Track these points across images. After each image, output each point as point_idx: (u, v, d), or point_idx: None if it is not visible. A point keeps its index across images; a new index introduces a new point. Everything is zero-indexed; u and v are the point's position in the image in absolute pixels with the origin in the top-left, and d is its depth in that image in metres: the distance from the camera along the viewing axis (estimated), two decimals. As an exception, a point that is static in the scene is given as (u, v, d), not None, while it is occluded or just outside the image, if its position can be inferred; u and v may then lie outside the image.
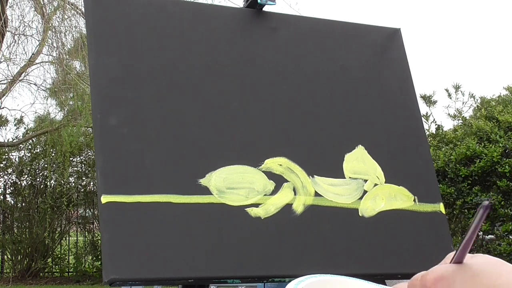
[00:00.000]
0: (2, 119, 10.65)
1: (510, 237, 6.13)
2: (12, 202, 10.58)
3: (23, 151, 10.80)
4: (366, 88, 1.33)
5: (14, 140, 10.65)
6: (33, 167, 10.49)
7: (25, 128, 10.91)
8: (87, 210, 10.75)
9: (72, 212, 10.60)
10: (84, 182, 10.65)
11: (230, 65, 1.22)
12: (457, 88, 9.04)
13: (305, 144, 1.20)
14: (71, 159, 10.11)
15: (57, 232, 10.52)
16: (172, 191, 1.06)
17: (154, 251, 1.01)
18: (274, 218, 1.10)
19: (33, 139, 10.69)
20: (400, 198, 1.19)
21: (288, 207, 1.12)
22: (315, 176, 1.16)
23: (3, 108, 10.36)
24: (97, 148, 1.07)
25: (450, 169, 6.37)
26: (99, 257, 9.89)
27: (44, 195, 10.15)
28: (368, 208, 1.17)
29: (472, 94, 8.91)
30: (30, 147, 10.79)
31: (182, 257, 1.02)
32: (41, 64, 10.11)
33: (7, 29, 9.45)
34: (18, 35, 9.72)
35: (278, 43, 1.28)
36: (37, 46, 9.90)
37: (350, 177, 1.19)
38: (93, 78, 1.13)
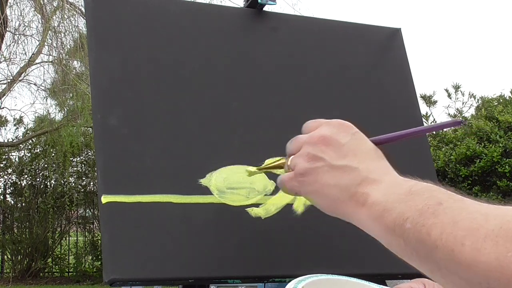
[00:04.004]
0: (2, 119, 10.65)
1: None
2: (12, 202, 10.59)
3: (23, 151, 10.81)
4: (367, 88, 1.33)
5: (14, 140, 10.65)
6: (33, 167, 10.49)
7: (25, 128, 10.92)
8: (87, 210, 10.76)
9: (72, 212, 10.61)
10: (84, 182, 10.66)
11: (230, 64, 1.22)
12: (457, 88, 9.04)
13: (306, 144, 1.20)
14: (71, 159, 10.11)
15: (57, 232, 10.53)
16: (172, 191, 1.06)
17: (154, 251, 1.01)
18: (275, 218, 1.10)
19: (33, 139, 10.69)
20: (400, 198, 1.19)
21: (288, 207, 1.12)
22: (315, 176, 1.16)
23: (3, 108, 10.36)
24: (97, 148, 1.07)
25: (450, 169, 6.38)
26: (99, 257, 9.90)
27: (44, 195, 10.15)
28: (369, 208, 1.17)
29: (472, 94, 8.91)
30: (30, 147, 10.80)
31: (182, 257, 1.02)
32: (41, 64, 10.12)
33: (7, 29, 9.44)
34: (18, 35, 9.72)
35: (278, 43, 1.28)
36: (37, 46, 9.90)
37: (350, 177, 1.19)
38: (93, 78, 1.13)
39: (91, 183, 10.47)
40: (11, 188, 10.53)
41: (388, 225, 0.67)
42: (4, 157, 10.52)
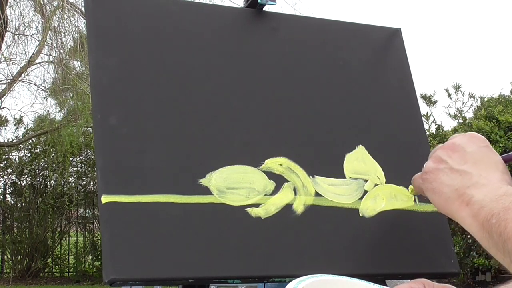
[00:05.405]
0: (2, 119, 10.66)
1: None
2: (12, 202, 10.59)
3: (23, 151, 10.81)
4: (367, 88, 1.33)
5: (14, 140, 10.65)
6: (33, 167, 10.49)
7: (25, 128, 10.92)
8: (87, 210, 10.76)
9: (72, 212, 10.61)
10: (84, 182, 10.66)
11: (230, 64, 1.22)
12: (457, 88, 9.03)
13: (306, 144, 1.20)
14: (71, 159, 10.12)
15: (57, 232, 10.53)
16: (172, 191, 1.06)
17: (154, 251, 1.01)
18: (275, 218, 1.10)
19: (33, 139, 10.69)
20: (400, 198, 1.19)
21: (288, 207, 1.12)
22: (315, 176, 1.16)
23: (3, 108, 10.36)
24: (97, 148, 1.07)
25: (450, 169, 6.36)
26: (99, 257, 9.90)
27: (44, 195, 10.15)
28: (369, 208, 1.17)
29: (472, 94, 8.88)
30: (30, 147, 10.79)
31: (182, 257, 1.02)
32: (41, 64, 10.12)
33: (7, 29, 9.45)
34: (18, 35, 9.72)
35: (278, 43, 1.28)
36: (37, 46, 9.90)
37: (350, 177, 1.19)
38: (93, 78, 1.13)
39: (91, 183, 10.48)
40: (11, 188, 10.53)
41: (479, 220, 0.75)
42: (4, 157, 10.52)
